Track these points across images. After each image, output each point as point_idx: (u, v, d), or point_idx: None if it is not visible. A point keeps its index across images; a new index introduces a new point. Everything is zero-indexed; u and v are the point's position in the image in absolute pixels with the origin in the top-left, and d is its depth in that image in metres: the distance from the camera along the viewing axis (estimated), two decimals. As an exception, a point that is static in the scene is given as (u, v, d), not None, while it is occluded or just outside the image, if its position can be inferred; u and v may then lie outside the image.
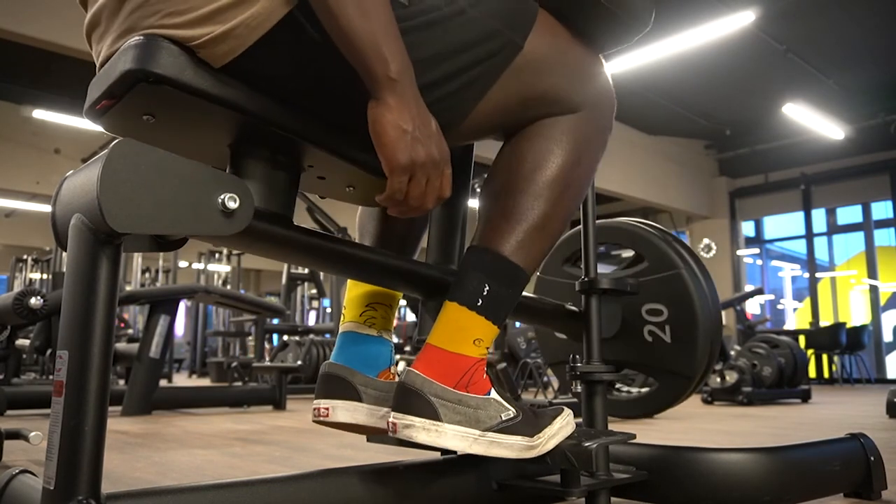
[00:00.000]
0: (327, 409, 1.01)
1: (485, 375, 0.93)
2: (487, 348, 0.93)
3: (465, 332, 0.91)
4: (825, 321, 9.54)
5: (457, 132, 0.93)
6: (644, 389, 1.44)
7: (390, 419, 0.90)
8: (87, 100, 0.84)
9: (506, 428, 0.91)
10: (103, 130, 0.86)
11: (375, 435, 1.07)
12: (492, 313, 0.92)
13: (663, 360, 1.32)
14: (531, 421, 0.93)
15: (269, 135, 0.85)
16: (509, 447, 0.90)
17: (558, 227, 0.98)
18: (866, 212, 9.83)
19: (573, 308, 1.31)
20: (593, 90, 0.99)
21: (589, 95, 0.98)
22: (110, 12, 0.80)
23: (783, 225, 10.95)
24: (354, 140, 0.90)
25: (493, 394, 0.92)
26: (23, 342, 3.91)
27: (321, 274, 7.19)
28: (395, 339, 1.18)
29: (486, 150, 1.03)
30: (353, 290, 1.10)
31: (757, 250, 11.08)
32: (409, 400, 0.88)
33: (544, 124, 0.96)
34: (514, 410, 0.92)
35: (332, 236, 0.94)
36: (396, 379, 1.04)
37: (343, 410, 1.01)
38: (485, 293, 0.92)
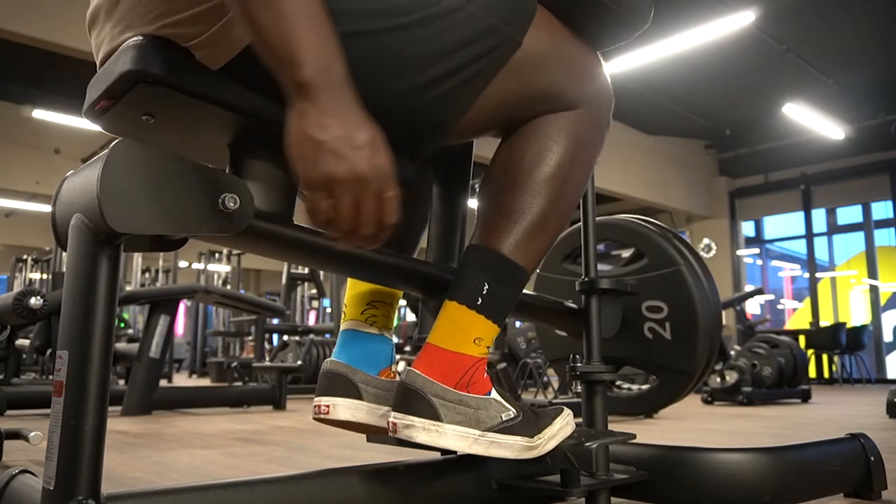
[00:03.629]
0: (328, 406, 1.01)
1: (486, 375, 0.93)
2: (488, 347, 0.93)
3: (465, 331, 0.91)
4: (825, 321, 9.54)
5: (455, 130, 0.93)
6: (645, 387, 1.44)
7: (390, 419, 0.90)
8: (86, 100, 0.84)
9: (506, 428, 0.91)
10: (103, 130, 0.86)
11: (375, 434, 1.07)
12: (492, 312, 0.92)
13: (663, 357, 1.32)
14: (531, 421, 0.93)
15: (268, 134, 0.85)
16: (509, 448, 0.90)
17: (557, 225, 0.98)
18: (866, 212, 9.83)
19: (573, 305, 1.31)
20: (591, 87, 0.99)
21: (587, 92, 0.98)
22: (108, 9, 0.80)
23: (783, 225, 10.96)
24: None
25: (494, 394, 0.92)
26: (23, 342, 3.91)
27: (321, 274, 7.19)
28: (395, 339, 1.18)
29: (485, 149, 1.03)
30: (354, 289, 1.10)
31: (757, 250, 11.08)
32: (410, 400, 0.88)
33: (542, 121, 0.96)
34: (514, 411, 0.92)
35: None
36: (397, 378, 1.04)
37: (344, 408, 1.01)
38: (485, 292, 0.91)
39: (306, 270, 7.16)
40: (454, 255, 1.14)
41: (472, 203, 1.08)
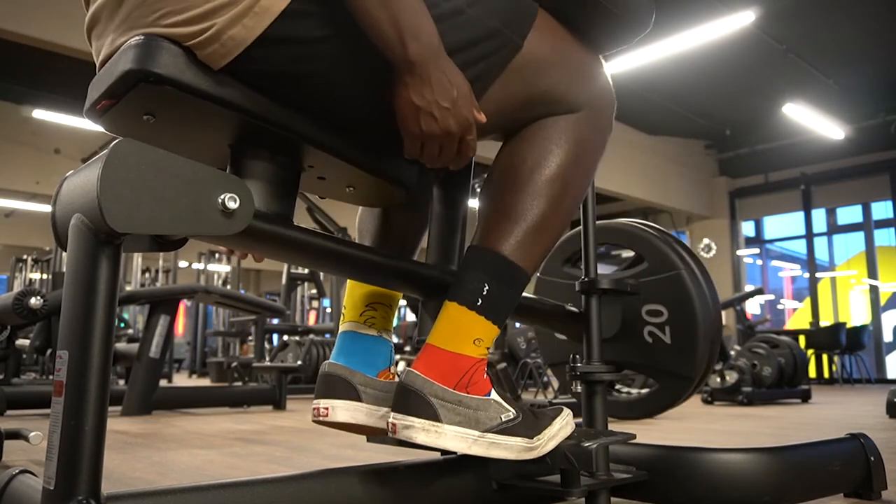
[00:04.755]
0: (327, 409, 1.01)
1: (485, 376, 0.93)
2: (488, 348, 0.93)
3: (465, 332, 0.91)
4: (825, 321, 9.54)
5: None
6: (644, 390, 1.44)
7: (390, 420, 0.90)
8: (87, 100, 0.84)
9: (505, 429, 0.91)
10: (104, 130, 0.86)
11: (375, 435, 1.07)
12: (492, 313, 0.92)
13: (663, 361, 1.32)
14: (531, 422, 0.93)
15: (269, 135, 0.85)
16: (508, 448, 0.90)
17: (558, 227, 0.98)
18: (866, 212, 9.82)
19: (573, 309, 1.31)
20: (593, 90, 0.99)
21: (589, 95, 0.98)
22: (110, 11, 0.81)
23: (783, 225, 10.95)
24: (354, 141, 0.91)
25: (494, 395, 0.92)
26: (23, 342, 3.91)
27: (321, 274, 7.18)
28: (395, 339, 1.19)
29: (487, 150, 1.03)
30: (354, 291, 1.10)
31: (757, 250, 11.08)
32: (409, 400, 0.88)
33: (544, 124, 0.96)
34: (513, 412, 0.92)
35: (333, 236, 0.94)
36: (396, 379, 1.04)
37: (343, 410, 1.01)
38: (484, 293, 0.92)
39: (306, 270, 7.15)
40: (454, 258, 1.14)
41: (473, 204, 1.08)
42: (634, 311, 1.36)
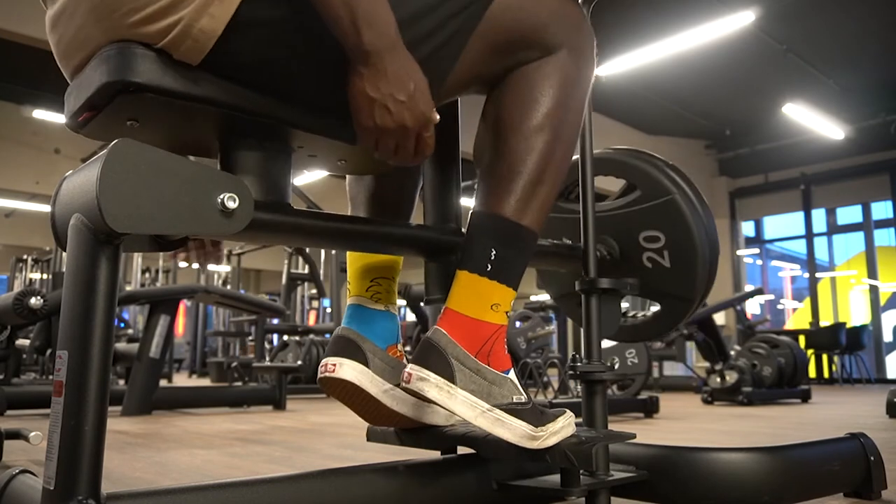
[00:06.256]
0: (335, 365, 1.02)
1: (505, 351, 0.93)
2: (507, 312, 0.94)
3: (481, 298, 0.92)
4: (825, 321, 9.53)
5: (441, 89, 0.93)
6: (649, 313, 1.45)
7: (406, 369, 0.91)
8: (66, 110, 0.84)
9: (514, 410, 0.91)
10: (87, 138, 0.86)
11: (375, 426, 1.08)
12: (504, 276, 0.93)
13: (664, 285, 1.33)
14: (538, 414, 0.94)
15: (255, 124, 0.86)
16: (512, 430, 0.90)
17: (555, 176, 0.97)
18: (866, 212, 9.82)
19: (570, 243, 1.31)
20: (570, 28, 0.99)
21: (567, 34, 0.98)
22: (70, 12, 0.79)
23: (783, 225, 10.95)
24: (337, 118, 0.90)
25: (512, 374, 0.93)
26: (23, 342, 3.91)
27: (321, 274, 7.19)
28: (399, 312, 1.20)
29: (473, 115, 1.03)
30: (355, 264, 1.11)
31: (757, 250, 11.08)
32: (431, 355, 0.90)
33: (525, 71, 0.96)
34: (525, 397, 0.93)
35: (331, 214, 0.95)
36: (404, 358, 1.05)
37: (349, 369, 1.02)
38: (493, 258, 0.92)
39: (306, 270, 7.16)
40: (451, 215, 1.14)
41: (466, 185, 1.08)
42: (632, 239, 1.36)
